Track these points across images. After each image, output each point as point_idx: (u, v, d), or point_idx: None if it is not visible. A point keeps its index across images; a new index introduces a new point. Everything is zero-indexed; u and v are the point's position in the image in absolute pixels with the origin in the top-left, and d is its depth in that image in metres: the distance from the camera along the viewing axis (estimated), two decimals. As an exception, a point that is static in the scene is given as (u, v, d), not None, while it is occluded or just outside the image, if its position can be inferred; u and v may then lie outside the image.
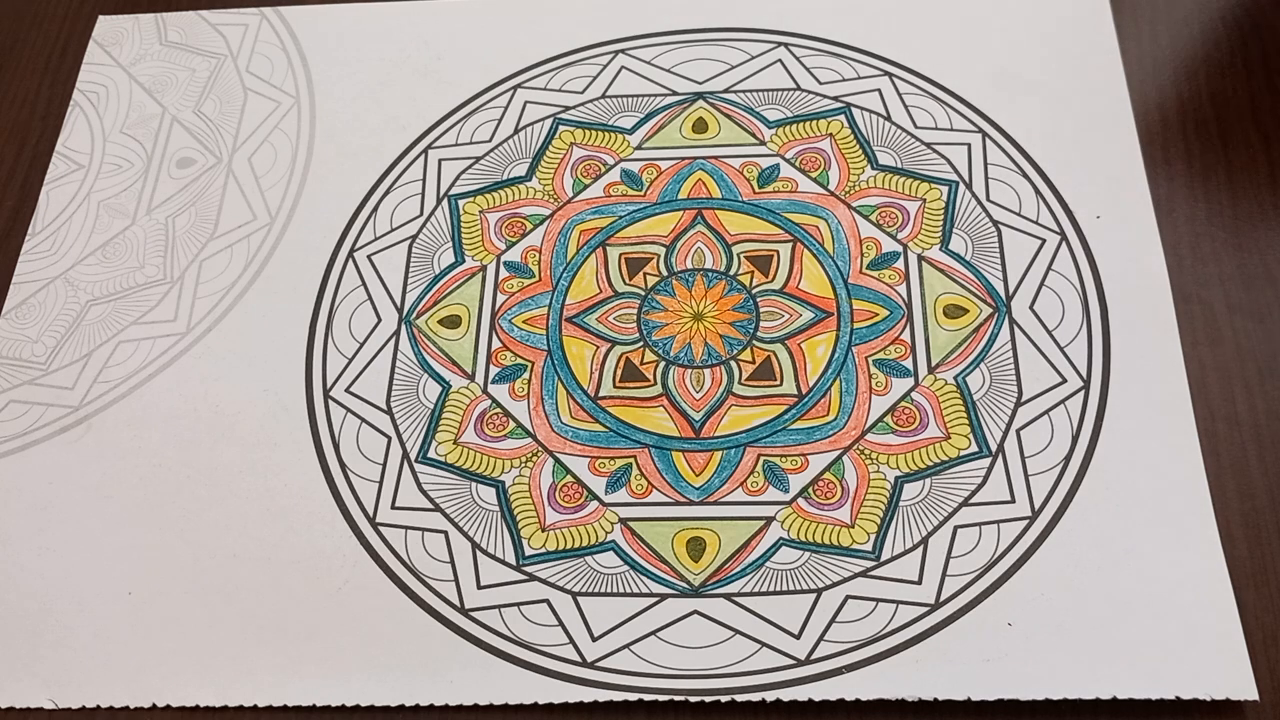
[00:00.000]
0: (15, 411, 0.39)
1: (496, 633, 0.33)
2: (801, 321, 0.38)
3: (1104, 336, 0.36)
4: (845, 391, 0.36)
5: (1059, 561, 0.33)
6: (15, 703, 0.34)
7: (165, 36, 0.47)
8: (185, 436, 0.38)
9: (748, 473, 0.35)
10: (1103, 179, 0.38)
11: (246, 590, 0.35)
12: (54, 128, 0.45)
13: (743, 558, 0.34)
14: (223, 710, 0.33)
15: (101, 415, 0.38)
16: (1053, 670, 0.31)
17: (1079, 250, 0.37)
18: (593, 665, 0.33)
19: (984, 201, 0.39)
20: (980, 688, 0.31)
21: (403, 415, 0.37)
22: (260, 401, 0.38)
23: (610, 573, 0.34)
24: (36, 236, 0.42)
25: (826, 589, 0.33)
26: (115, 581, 0.35)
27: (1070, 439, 0.34)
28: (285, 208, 0.42)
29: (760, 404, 0.36)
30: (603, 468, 0.36)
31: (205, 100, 0.45)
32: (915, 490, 0.34)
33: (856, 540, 0.34)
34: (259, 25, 0.47)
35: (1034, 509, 0.33)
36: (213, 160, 0.44)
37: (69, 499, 0.37)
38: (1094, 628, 0.31)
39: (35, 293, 0.41)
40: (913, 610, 0.32)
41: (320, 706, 0.33)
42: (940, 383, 0.36)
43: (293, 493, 0.36)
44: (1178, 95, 0.38)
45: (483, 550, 0.35)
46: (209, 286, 0.41)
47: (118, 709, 0.33)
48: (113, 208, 0.43)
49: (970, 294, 0.37)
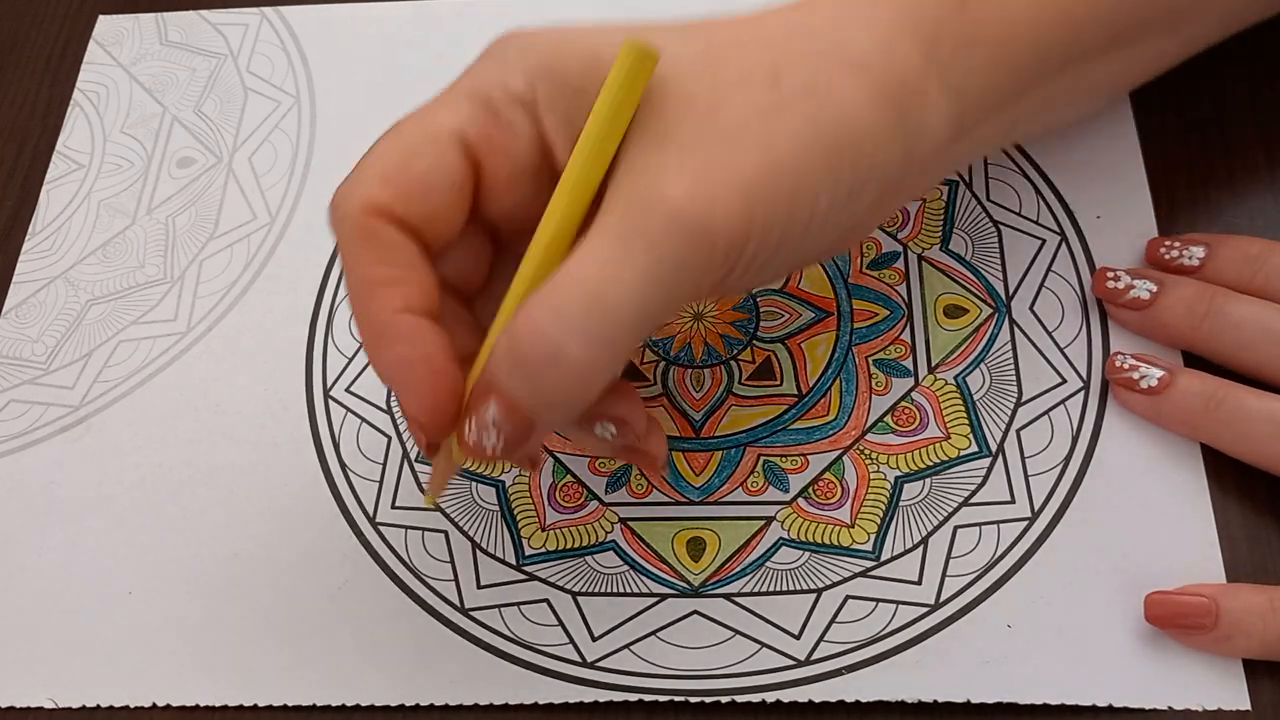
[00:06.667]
0: (15, 411, 0.39)
1: (496, 632, 0.33)
2: (802, 321, 0.38)
3: (1104, 337, 0.36)
4: (845, 391, 0.36)
5: (1058, 563, 0.33)
6: (15, 702, 0.34)
7: (165, 36, 0.47)
8: (185, 436, 0.38)
9: (748, 473, 0.35)
10: (1103, 179, 0.38)
11: (246, 590, 0.35)
12: (54, 128, 0.45)
13: (743, 558, 0.34)
14: (223, 710, 0.33)
15: (101, 415, 0.38)
16: (1051, 675, 0.31)
17: (1079, 251, 0.37)
18: (593, 665, 0.33)
19: (984, 202, 0.39)
20: (979, 690, 0.31)
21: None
22: (260, 401, 0.38)
23: (610, 573, 0.34)
24: (36, 236, 0.42)
25: (826, 589, 0.33)
26: (115, 581, 0.35)
27: (1070, 439, 0.34)
28: (285, 208, 0.42)
29: (760, 404, 0.36)
30: (603, 467, 0.36)
31: (205, 100, 0.45)
32: (915, 490, 0.34)
33: (856, 540, 0.34)
34: (259, 25, 0.47)
35: (1034, 509, 0.33)
36: (213, 160, 0.44)
37: (69, 499, 0.37)
38: (1091, 632, 0.31)
39: (35, 292, 0.41)
40: (913, 610, 0.32)
41: (320, 706, 0.33)
42: (940, 383, 0.36)
43: (293, 493, 0.36)
44: (1178, 95, 0.38)
45: (483, 550, 0.35)
46: (209, 286, 0.41)
47: (118, 709, 0.33)
48: (113, 207, 0.43)
49: (970, 294, 0.37)
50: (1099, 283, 0.36)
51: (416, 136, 0.27)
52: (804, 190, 0.27)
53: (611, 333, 0.25)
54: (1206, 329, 0.33)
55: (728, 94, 0.27)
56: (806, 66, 0.27)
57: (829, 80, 0.27)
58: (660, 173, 0.26)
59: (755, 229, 0.26)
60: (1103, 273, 0.36)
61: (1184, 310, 0.34)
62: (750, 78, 0.27)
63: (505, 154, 0.28)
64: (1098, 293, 0.36)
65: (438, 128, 0.27)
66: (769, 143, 0.26)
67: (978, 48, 0.30)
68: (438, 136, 0.27)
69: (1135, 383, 0.34)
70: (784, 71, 0.27)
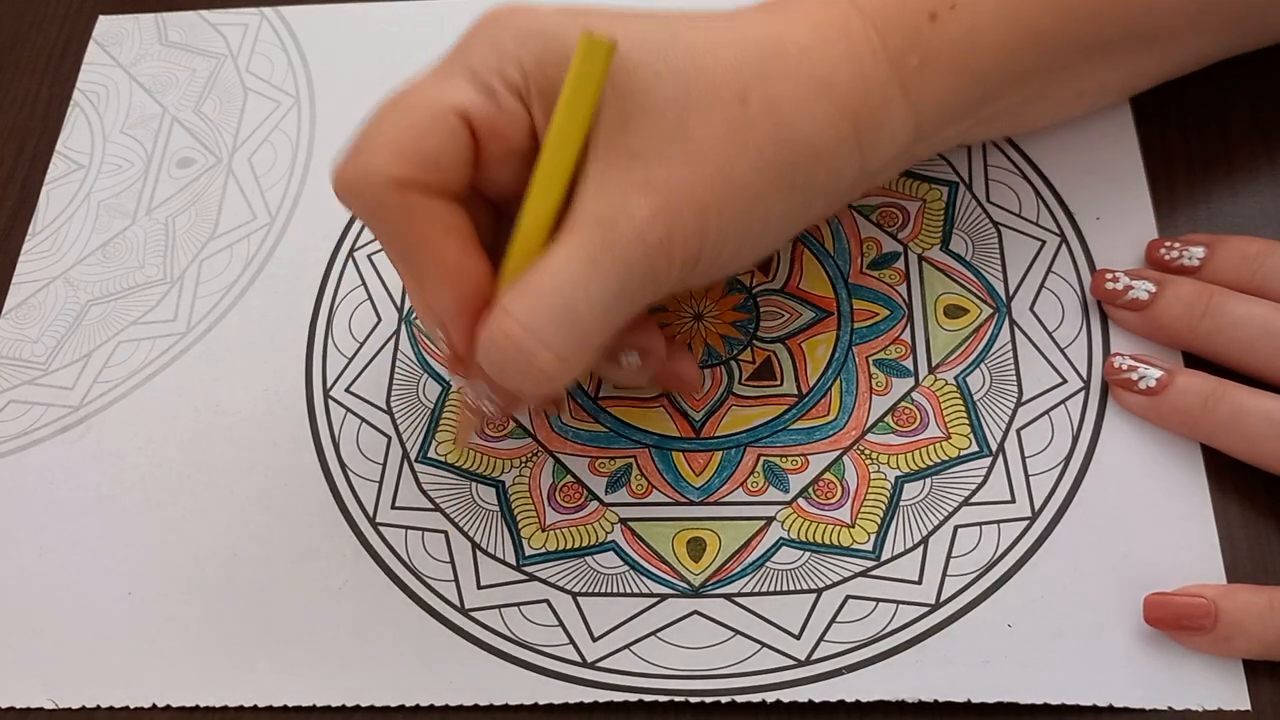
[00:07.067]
0: (15, 411, 0.39)
1: (496, 633, 0.33)
2: (802, 321, 0.38)
3: (1104, 338, 0.36)
4: (845, 391, 0.36)
5: (1058, 563, 0.33)
6: (15, 703, 0.34)
7: (165, 36, 0.47)
8: (185, 436, 0.38)
9: (748, 473, 0.35)
10: (1103, 180, 0.38)
11: (246, 590, 0.35)
12: (54, 128, 0.45)
13: (743, 558, 0.34)
14: (223, 710, 0.33)
15: (101, 415, 0.38)
16: (1051, 675, 0.31)
17: (1079, 252, 0.37)
18: (593, 665, 0.33)
19: (984, 203, 0.39)
20: (980, 690, 0.31)
21: (403, 415, 0.37)
22: (260, 401, 0.38)
23: (610, 573, 0.34)
24: (36, 236, 0.42)
25: (827, 589, 0.33)
26: (115, 581, 0.35)
27: (1070, 439, 0.34)
28: (285, 207, 0.42)
29: (760, 404, 0.36)
30: (603, 468, 0.36)
31: (205, 100, 0.45)
32: (915, 490, 0.34)
33: (857, 540, 0.34)
34: (259, 25, 0.47)
35: (1034, 509, 0.33)
36: (213, 160, 0.44)
37: (69, 499, 0.37)
38: (1091, 632, 0.31)
39: (35, 293, 0.41)
40: (913, 610, 0.32)
41: (320, 707, 0.33)
42: (940, 383, 0.36)
43: (293, 493, 0.36)
44: (1178, 96, 0.38)
45: (483, 550, 0.35)
46: (209, 286, 0.41)
47: (118, 709, 0.33)
48: (113, 208, 0.43)
49: (970, 294, 0.37)
50: (1098, 285, 0.36)
51: (424, 114, 0.28)
52: (758, 206, 0.30)
53: (582, 339, 0.28)
54: (1205, 328, 0.33)
55: (696, 110, 0.28)
56: (773, 83, 0.29)
57: (793, 98, 0.29)
58: (628, 193, 0.28)
59: (709, 241, 0.29)
60: (1101, 275, 0.36)
61: (1182, 309, 0.34)
62: (719, 94, 0.28)
63: (502, 137, 0.29)
64: (1096, 295, 0.36)
65: (444, 106, 0.28)
66: (729, 164, 0.29)
67: (945, 58, 0.31)
68: (445, 115, 0.28)
69: (1134, 383, 0.34)
70: (751, 87, 0.29)
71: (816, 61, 0.30)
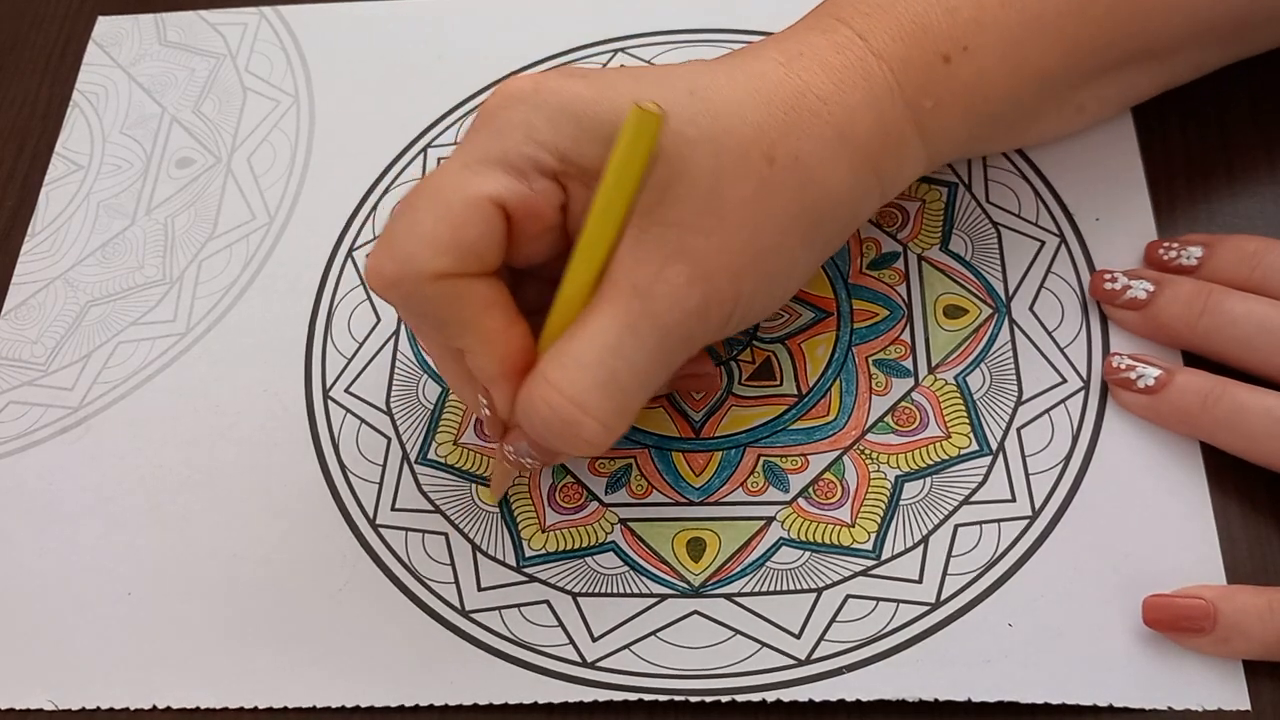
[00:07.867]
0: (15, 412, 0.39)
1: (496, 633, 0.33)
2: (802, 321, 0.38)
3: (1104, 337, 0.36)
4: (845, 391, 0.36)
5: (1058, 562, 0.33)
6: (15, 703, 0.34)
7: (165, 36, 0.47)
8: (185, 436, 0.38)
9: (748, 473, 0.35)
10: (1102, 180, 0.38)
11: (246, 590, 0.35)
12: (54, 128, 0.45)
13: (743, 558, 0.34)
14: (223, 711, 0.33)
15: (101, 415, 0.38)
16: (1051, 675, 0.31)
17: (1078, 252, 0.37)
18: (593, 665, 0.33)
19: (984, 203, 0.39)
20: (980, 689, 0.31)
21: (402, 416, 0.37)
22: (260, 401, 0.38)
23: (610, 573, 0.34)
24: (36, 237, 0.42)
25: (827, 588, 0.33)
26: (115, 581, 0.35)
27: (1070, 438, 0.34)
28: (285, 207, 0.42)
29: (760, 404, 0.36)
30: (602, 468, 0.36)
31: (204, 100, 0.45)
32: (915, 489, 0.34)
33: (857, 540, 0.34)
34: (258, 25, 0.47)
35: (1034, 508, 0.33)
36: (212, 160, 0.44)
37: (69, 499, 0.37)
38: (1091, 632, 0.31)
39: (35, 293, 0.41)
40: (913, 609, 0.32)
41: (320, 707, 0.33)
42: (940, 383, 0.36)
43: (293, 493, 0.36)
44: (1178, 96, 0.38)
45: (483, 552, 0.35)
46: (208, 286, 0.41)
47: (118, 710, 0.33)
48: (112, 208, 0.43)
49: (970, 294, 0.37)
50: (1096, 285, 0.36)
51: (459, 205, 0.29)
52: (787, 262, 0.31)
53: (624, 405, 0.29)
54: (1204, 326, 0.33)
55: (728, 177, 0.29)
56: (796, 139, 0.30)
57: (818, 153, 0.30)
58: (666, 262, 0.29)
59: (741, 302, 0.30)
60: (1100, 275, 0.36)
61: (1181, 308, 0.34)
62: (748, 157, 0.29)
63: (536, 217, 0.29)
64: (1095, 295, 0.36)
65: (479, 196, 0.29)
66: (760, 227, 0.29)
67: (957, 100, 0.32)
68: (481, 204, 0.29)
69: (1133, 383, 0.34)
70: (777, 145, 0.29)
71: (838, 111, 0.30)
